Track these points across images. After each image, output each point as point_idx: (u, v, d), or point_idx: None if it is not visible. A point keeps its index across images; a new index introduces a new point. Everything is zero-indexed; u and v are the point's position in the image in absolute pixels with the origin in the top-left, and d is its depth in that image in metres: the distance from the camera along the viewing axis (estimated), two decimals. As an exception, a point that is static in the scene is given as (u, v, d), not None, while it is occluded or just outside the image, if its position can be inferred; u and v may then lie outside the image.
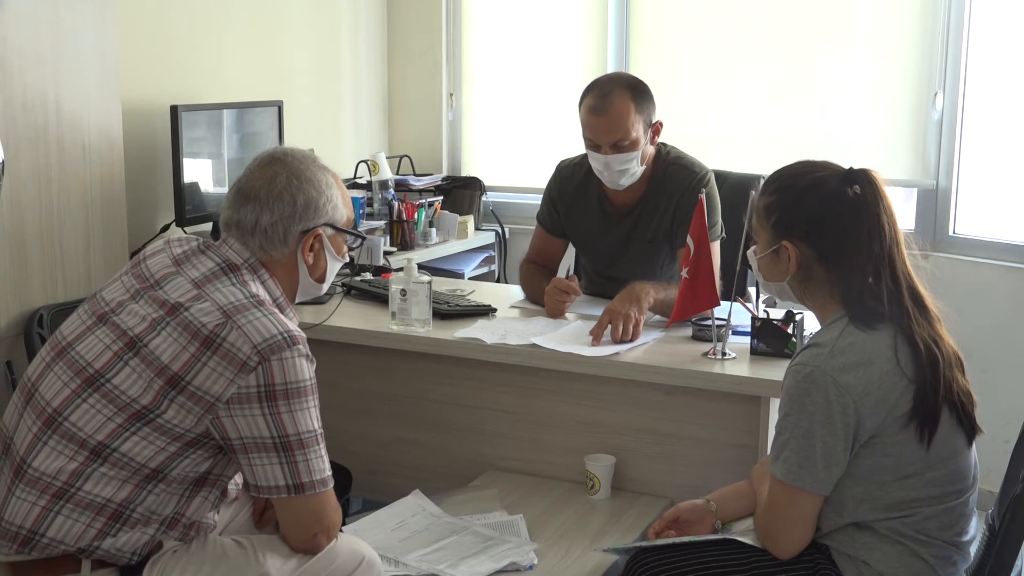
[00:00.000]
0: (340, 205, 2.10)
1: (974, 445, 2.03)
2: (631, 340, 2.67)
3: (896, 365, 1.92)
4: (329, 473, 1.93)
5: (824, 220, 2.01)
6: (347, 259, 2.19)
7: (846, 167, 2.05)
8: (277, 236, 2.02)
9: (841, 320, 1.99)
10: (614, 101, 2.92)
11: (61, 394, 1.90)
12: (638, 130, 2.93)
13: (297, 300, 2.12)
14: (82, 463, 1.85)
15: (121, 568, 1.90)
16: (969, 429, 1.99)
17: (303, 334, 1.92)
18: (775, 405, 2.31)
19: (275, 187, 2.02)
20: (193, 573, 1.89)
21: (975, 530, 2.05)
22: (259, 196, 2.02)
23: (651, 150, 3.03)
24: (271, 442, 1.86)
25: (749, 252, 2.16)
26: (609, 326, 2.69)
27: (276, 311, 1.94)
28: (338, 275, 3.44)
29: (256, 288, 1.97)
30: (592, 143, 2.97)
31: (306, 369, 1.89)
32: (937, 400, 1.93)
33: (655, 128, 3.00)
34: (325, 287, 2.16)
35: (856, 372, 1.91)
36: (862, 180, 2.01)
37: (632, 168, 2.97)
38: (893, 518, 1.95)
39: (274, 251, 2.03)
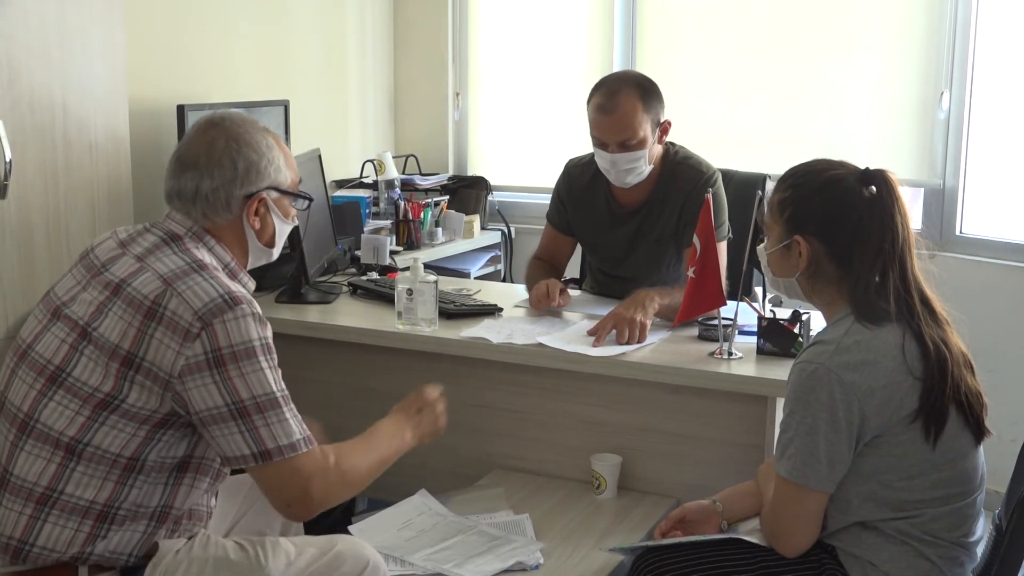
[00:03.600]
0: (283, 167, 2.05)
1: (981, 447, 2.02)
2: (638, 342, 2.67)
3: (903, 364, 1.92)
4: (299, 437, 1.84)
5: (838, 217, 2.00)
6: (295, 222, 2.14)
7: (863, 167, 2.05)
8: (219, 202, 1.98)
9: (847, 318, 1.98)
10: (622, 100, 2.91)
11: (28, 397, 1.89)
12: (645, 129, 2.93)
13: (249, 266, 2.08)
14: (59, 463, 1.84)
15: (120, 570, 1.89)
16: (976, 430, 1.99)
17: (248, 295, 1.88)
18: (781, 405, 2.30)
19: (214, 152, 1.98)
20: (195, 575, 1.88)
21: (982, 530, 2.04)
22: (198, 163, 1.98)
23: (659, 149, 3.03)
24: (226, 410, 1.81)
25: (760, 247, 2.16)
26: (614, 331, 2.68)
27: (219, 274, 1.89)
28: (344, 274, 3.47)
29: (201, 254, 1.94)
30: (599, 141, 2.97)
31: (254, 329, 1.84)
32: (944, 399, 1.92)
33: (663, 128, 3.00)
34: (276, 252, 2.12)
35: (861, 370, 1.90)
36: (878, 180, 2.02)
37: (639, 167, 2.96)
38: (899, 518, 1.95)
39: (217, 217, 1.99)
